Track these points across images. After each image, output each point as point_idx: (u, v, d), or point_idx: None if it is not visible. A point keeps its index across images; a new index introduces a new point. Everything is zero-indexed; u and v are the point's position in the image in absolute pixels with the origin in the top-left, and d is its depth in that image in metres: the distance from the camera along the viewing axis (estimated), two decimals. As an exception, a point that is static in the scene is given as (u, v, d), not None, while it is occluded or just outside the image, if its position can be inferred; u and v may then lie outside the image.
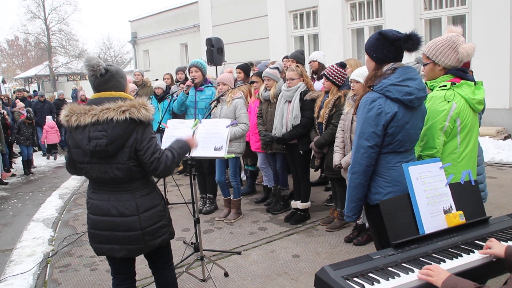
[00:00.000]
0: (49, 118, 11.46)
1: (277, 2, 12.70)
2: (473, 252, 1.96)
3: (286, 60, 6.62)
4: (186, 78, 7.00)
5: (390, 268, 1.83)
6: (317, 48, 11.67)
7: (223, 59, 9.33)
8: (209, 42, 9.09)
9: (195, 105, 5.41)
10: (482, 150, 3.66)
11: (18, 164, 10.29)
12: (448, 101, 2.49)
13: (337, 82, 4.46)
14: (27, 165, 9.86)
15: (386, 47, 2.32)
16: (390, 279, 1.75)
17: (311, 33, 12.30)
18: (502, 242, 2.03)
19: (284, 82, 4.97)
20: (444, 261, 1.89)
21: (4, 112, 9.41)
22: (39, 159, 11.27)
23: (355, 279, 1.74)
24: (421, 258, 1.92)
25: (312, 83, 5.10)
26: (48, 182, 8.90)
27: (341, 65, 4.49)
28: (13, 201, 7.43)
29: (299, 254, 4.16)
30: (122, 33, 76.83)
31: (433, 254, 1.95)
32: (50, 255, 4.64)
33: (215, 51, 9.02)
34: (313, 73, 6.29)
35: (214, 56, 9.02)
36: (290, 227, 4.87)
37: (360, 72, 3.83)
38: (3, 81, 30.64)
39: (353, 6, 11.06)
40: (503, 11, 8.18)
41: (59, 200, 7.02)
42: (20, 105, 10.96)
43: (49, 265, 4.39)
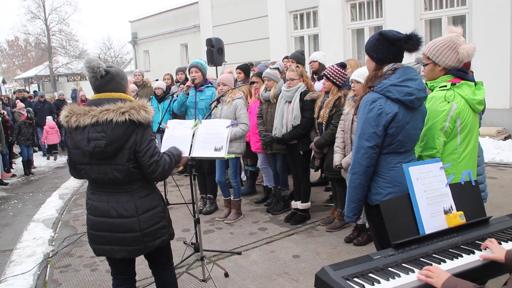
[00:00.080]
0: (49, 119, 11.46)
1: (277, 3, 12.70)
2: (473, 253, 1.95)
3: (286, 61, 6.62)
4: (186, 79, 7.00)
5: (391, 269, 1.83)
6: (317, 49, 11.67)
7: (223, 60, 9.33)
8: (209, 43, 9.09)
9: (195, 106, 5.41)
10: (483, 151, 3.66)
11: (18, 165, 10.29)
12: (448, 102, 2.49)
13: (338, 82, 4.46)
14: (27, 166, 9.86)
15: (387, 48, 2.32)
16: (391, 279, 1.75)
17: (311, 34, 12.30)
18: (503, 243, 2.04)
19: (284, 83, 4.97)
20: (445, 262, 1.89)
21: (4, 113, 9.41)
22: (39, 160, 11.27)
23: (355, 279, 1.74)
24: (422, 259, 1.92)
25: (312, 84, 5.10)
26: (48, 183, 8.90)
27: (342, 66, 4.50)
28: (13, 202, 7.43)
29: (299, 255, 4.16)
30: (122, 34, 76.96)
31: (434, 255, 1.95)
32: (50, 256, 4.64)
33: (215, 52, 9.02)
34: (314, 74, 6.29)
35: (214, 57, 9.02)
36: (290, 228, 4.88)
37: (361, 73, 3.82)
38: (4, 82, 30.64)
39: (353, 7, 11.06)
40: (503, 11, 8.18)
41: (59, 201, 7.02)
42: (20, 106, 10.96)
43: (49, 266, 4.39)
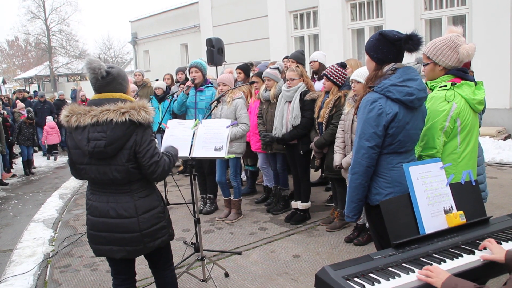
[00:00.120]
0: (50, 119, 11.46)
1: (277, 3, 12.70)
2: (474, 253, 1.95)
3: (287, 61, 6.62)
4: (186, 79, 6.99)
5: (391, 268, 1.83)
6: (317, 49, 11.67)
7: (223, 60, 9.33)
8: (210, 43, 9.09)
9: (195, 106, 5.41)
10: (483, 150, 3.66)
11: (19, 165, 10.29)
12: (449, 101, 2.49)
13: (338, 82, 4.46)
14: (28, 165, 9.87)
15: (387, 48, 2.32)
16: (391, 279, 1.75)
17: (311, 34, 12.30)
18: (503, 243, 2.04)
19: (284, 83, 4.97)
20: (445, 261, 1.89)
21: (5, 113, 9.41)
22: (40, 160, 11.27)
23: (356, 279, 1.74)
24: (422, 258, 1.92)
25: (312, 84, 5.10)
26: (49, 183, 8.90)
27: (342, 65, 4.50)
28: (14, 202, 7.43)
29: (300, 254, 4.16)
30: (123, 34, 76.92)
31: (434, 254, 1.95)
32: (51, 256, 4.64)
33: (216, 52, 9.02)
34: (314, 74, 6.29)
35: (215, 57, 9.02)
36: (291, 227, 4.87)
37: (361, 73, 3.82)
38: (4, 82, 30.65)
39: (353, 6, 11.05)
40: (503, 11, 8.18)
41: (60, 201, 7.02)
42: (21, 106, 10.96)
43: (50, 266, 4.39)
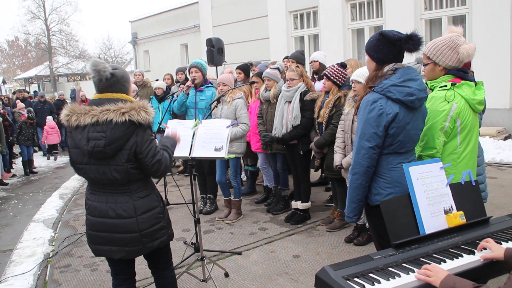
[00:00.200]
0: (50, 119, 11.46)
1: (277, 3, 12.70)
2: (474, 253, 1.95)
3: (287, 61, 6.62)
4: (186, 79, 7.00)
5: (391, 268, 1.83)
6: (317, 49, 11.67)
7: (223, 60, 9.33)
8: (210, 43, 9.09)
9: (195, 106, 5.41)
10: (483, 150, 3.66)
11: (19, 165, 10.29)
12: (448, 101, 2.49)
13: (338, 82, 4.46)
14: (28, 165, 9.87)
15: (387, 48, 2.32)
16: (391, 279, 1.75)
17: (311, 34, 12.30)
18: (503, 243, 2.04)
19: (285, 83, 4.97)
20: (445, 261, 1.89)
21: (5, 112, 9.40)
22: (40, 160, 11.26)
23: (356, 279, 1.74)
24: (422, 258, 1.92)
25: (312, 84, 5.10)
26: (49, 183, 8.90)
27: (342, 65, 4.50)
28: (14, 202, 7.43)
29: (300, 255, 4.16)
30: (123, 34, 76.92)
31: (434, 254, 1.95)
32: (51, 256, 4.64)
33: (216, 52, 9.02)
34: (314, 74, 6.29)
35: (215, 57, 9.02)
36: (291, 228, 4.87)
37: (361, 73, 3.82)
38: (4, 82, 30.63)
39: (353, 6, 11.05)
40: (503, 11, 8.18)
41: (60, 201, 7.02)
42: (21, 106, 10.96)
43: (50, 266, 4.40)
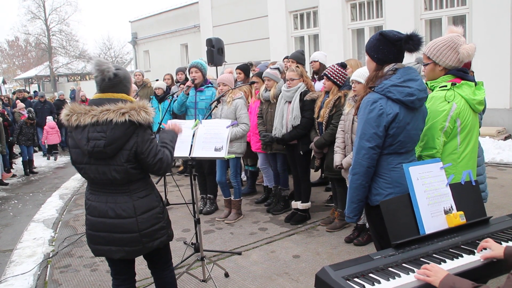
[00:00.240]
0: (50, 119, 11.46)
1: (277, 3, 12.70)
2: (474, 253, 1.95)
3: (287, 61, 6.62)
4: (186, 79, 7.00)
5: (391, 269, 1.83)
6: (317, 49, 11.67)
7: (224, 60, 9.33)
8: (210, 43, 9.09)
9: (195, 106, 5.41)
10: (483, 151, 3.66)
11: (19, 165, 10.29)
12: (449, 102, 2.49)
13: (338, 82, 4.46)
14: (29, 165, 9.87)
15: (387, 48, 2.32)
16: (391, 280, 1.75)
17: (311, 34, 12.30)
18: (503, 243, 2.04)
19: (285, 83, 4.97)
20: (445, 262, 1.89)
21: (4, 111, 9.40)
22: (40, 160, 11.26)
23: (356, 280, 1.74)
24: (422, 259, 1.92)
25: (312, 84, 5.10)
26: (49, 183, 8.90)
27: (342, 65, 4.50)
28: (14, 202, 7.43)
29: (300, 255, 4.16)
30: (123, 34, 76.85)
31: (434, 255, 1.95)
32: (51, 256, 4.64)
33: (216, 52, 9.02)
34: (314, 74, 6.29)
35: (215, 57, 9.02)
36: (291, 228, 4.87)
37: (361, 73, 3.82)
38: (4, 82, 30.62)
39: (353, 7, 11.06)
40: (503, 11, 8.18)
41: (60, 201, 7.02)
42: (21, 106, 10.96)
43: (50, 266, 4.39)
